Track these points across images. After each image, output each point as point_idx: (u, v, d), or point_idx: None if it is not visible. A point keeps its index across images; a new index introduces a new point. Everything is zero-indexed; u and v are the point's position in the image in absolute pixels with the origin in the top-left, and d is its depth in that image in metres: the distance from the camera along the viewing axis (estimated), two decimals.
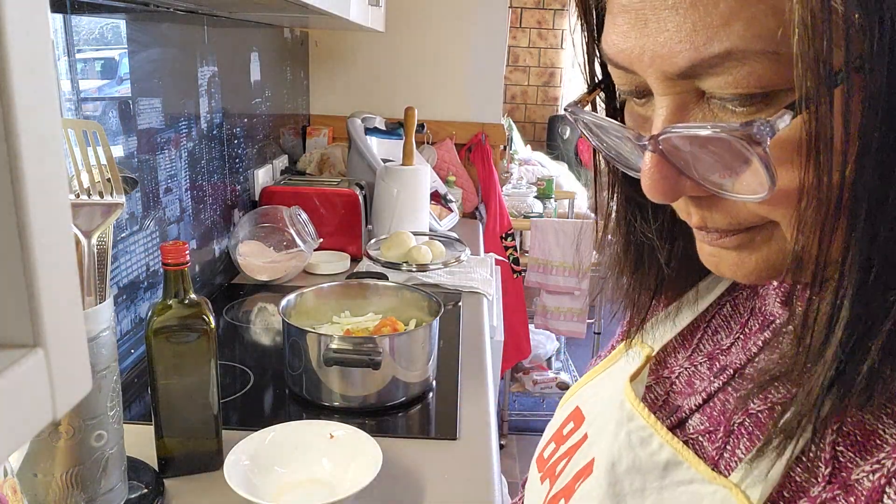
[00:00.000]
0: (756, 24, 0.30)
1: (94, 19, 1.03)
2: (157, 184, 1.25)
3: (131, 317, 1.18)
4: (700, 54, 0.32)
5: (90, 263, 0.69)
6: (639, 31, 0.34)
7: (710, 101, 0.34)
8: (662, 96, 0.35)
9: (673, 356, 0.51)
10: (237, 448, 0.84)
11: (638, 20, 0.34)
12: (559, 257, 2.69)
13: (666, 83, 0.34)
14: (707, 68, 0.32)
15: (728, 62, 0.31)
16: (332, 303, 1.21)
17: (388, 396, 1.05)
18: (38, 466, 0.68)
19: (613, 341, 0.67)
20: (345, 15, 1.32)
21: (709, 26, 0.31)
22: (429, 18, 2.30)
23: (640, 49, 0.34)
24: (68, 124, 0.67)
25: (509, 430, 2.91)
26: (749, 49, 0.30)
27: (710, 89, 0.33)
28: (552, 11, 5.18)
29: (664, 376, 0.50)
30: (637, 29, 0.34)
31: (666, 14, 0.32)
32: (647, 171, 0.36)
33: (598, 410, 0.50)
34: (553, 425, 0.56)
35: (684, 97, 0.34)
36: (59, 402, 0.21)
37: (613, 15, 0.36)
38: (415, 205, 1.81)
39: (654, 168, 0.36)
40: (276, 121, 2.02)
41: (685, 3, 0.32)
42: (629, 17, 0.34)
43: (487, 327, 1.44)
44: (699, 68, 0.32)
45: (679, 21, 0.32)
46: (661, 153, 0.35)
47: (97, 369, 0.70)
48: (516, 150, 3.81)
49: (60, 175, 0.21)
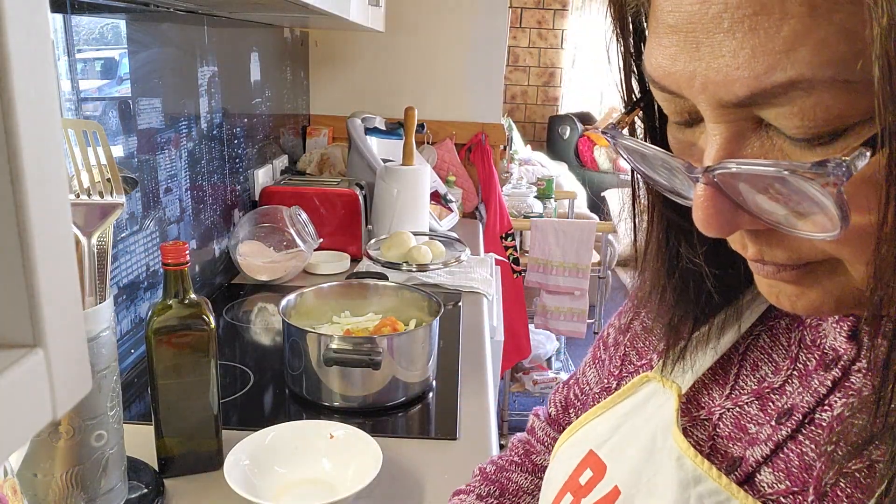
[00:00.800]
0: (826, 49, 0.27)
1: (94, 19, 1.03)
2: (157, 184, 1.25)
3: (131, 317, 1.18)
4: (761, 84, 0.28)
5: (90, 263, 0.69)
6: (689, 54, 0.30)
7: (769, 129, 0.31)
8: (716, 124, 0.32)
9: (706, 394, 0.46)
10: (237, 448, 0.84)
11: (688, 43, 0.30)
12: (559, 257, 2.69)
13: (720, 111, 0.31)
14: (768, 98, 0.29)
15: (793, 91, 0.28)
16: (332, 303, 1.21)
17: (388, 396, 1.05)
18: (38, 466, 0.68)
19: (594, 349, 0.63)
20: (345, 15, 1.32)
21: (771, 52, 0.28)
22: (429, 18, 2.30)
23: (691, 74, 0.31)
24: (68, 124, 0.67)
25: (509, 430, 2.91)
26: (817, 77, 0.27)
27: (772, 120, 0.30)
28: (552, 11, 5.18)
29: (702, 418, 0.45)
30: (687, 52, 0.31)
31: (721, 38, 0.29)
32: (699, 203, 0.32)
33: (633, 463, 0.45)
34: (562, 470, 0.50)
35: (741, 125, 0.31)
36: (59, 402, 0.21)
37: (659, 35, 0.32)
38: (415, 205, 1.81)
39: (708, 202, 0.32)
40: (276, 121, 2.02)
41: (744, 27, 0.28)
42: (678, 39, 0.31)
43: (487, 327, 1.44)
44: (759, 97, 0.29)
45: (736, 46, 0.28)
46: (716, 186, 0.32)
47: (97, 369, 0.70)
48: (516, 150, 3.81)
49: (60, 175, 0.21)
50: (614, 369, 0.56)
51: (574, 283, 2.71)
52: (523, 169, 3.65)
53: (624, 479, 0.45)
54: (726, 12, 0.28)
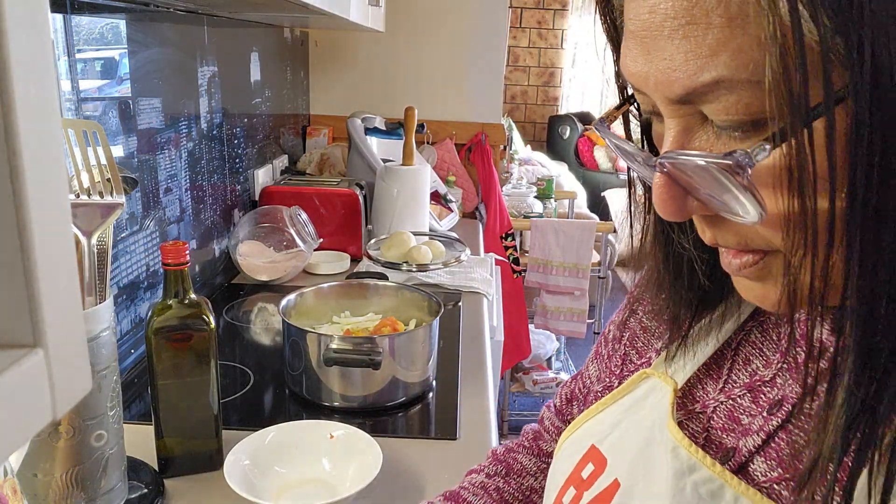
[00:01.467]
0: (741, 54, 0.31)
1: (94, 19, 1.03)
2: (157, 184, 1.25)
3: (131, 317, 1.18)
4: (693, 82, 0.33)
5: (90, 263, 0.69)
6: (644, 57, 0.35)
7: (712, 125, 0.35)
8: (670, 119, 0.36)
9: (700, 389, 0.48)
10: (237, 448, 0.84)
11: (643, 47, 0.35)
12: (559, 257, 2.69)
13: (671, 107, 0.36)
14: (701, 95, 0.33)
15: (717, 90, 0.33)
16: (332, 303, 1.21)
17: (388, 396, 1.05)
18: (38, 466, 0.68)
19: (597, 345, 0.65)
20: (345, 15, 1.32)
21: (700, 56, 0.32)
22: (429, 18, 2.30)
23: (646, 74, 0.36)
24: (68, 124, 0.67)
25: (509, 430, 2.91)
26: (736, 78, 0.32)
27: (709, 114, 0.34)
28: (552, 11, 5.19)
29: (696, 411, 0.47)
30: (643, 55, 0.35)
31: (663, 43, 0.34)
32: (656, 190, 0.37)
33: (632, 455, 0.47)
34: (565, 465, 0.53)
35: (689, 120, 0.36)
36: (59, 402, 0.21)
37: (626, 39, 0.37)
38: (415, 205, 1.81)
39: (661, 189, 0.37)
40: (276, 121, 2.02)
41: (679, 35, 0.33)
42: (636, 43, 0.36)
43: (487, 327, 1.44)
44: (693, 95, 0.34)
45: (673, 51, 0.33)
46: (668, 175, 0.36)
47: (97, 369, 0.70)
48: (516, 150, 3.81)
49: (60, 175, 0.21)
50: (615, 368, 0.58)
51: (574, 283, 2.71)
52: (523, 169, 3.65)
53: (623, 471, 0.47)
54: (666, 21, 0.33)
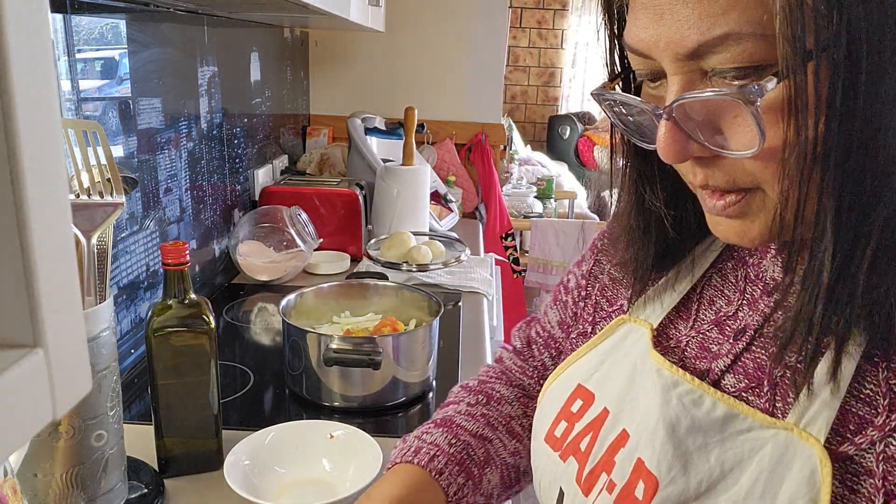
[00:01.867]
0: (748, 12, 0.39)
1: (94, 19, 1.03)
2: (157, 184, 1.25)
3: (131, 317, 1.18)
4: (705, 37, 0.40)
5: (90, 263, 0.69)
6: (656, 22, 0.43)
7: (711, 78, 0.42)
8: (674, 75, 0.43)
9: (673, 328, 0.56)
10: (237, 448, 0.84)
11: (655, 14, 0.43)
12: (559, 257, 2.69)
13: (677, 63, 0.43)
14: (711, 48, 0.41)
15: (727, 42, 0.40)
16: (332, 303, 1.21)
17: (388, 396, 1.05)
18: (38, 466, 0.68)
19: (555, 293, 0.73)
20: (345, 15, 1.32)
21: (711, 14, 0.40)
22: (429, 18, 2.30)
23: (657, 37, 0.43)
24: (68, 124, 0.67)
25: None
26: (743, 31, 0.39)
27: (713, 65, 0.41)
28: (552, 11, 5.18)
29: (671, 346, 0.55)
30: (654, 21, 0.43)
31: (678, 7, 0.41)
32: (661, 136, 0.44)
33: (619, 386, 0.54)
34: (554, 403, 0.59)
35: (691, 76, 0.43)
36: (59, 402, 0.21)
37: (635, 11, 0.45)
38: (415, 205, 1.81)
39: (667, 133, 0.43)
40: (276, 121, 2.02)
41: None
42: (648, 13, 0.43)
43: (487, 327, 1.44)
44: (704, 48, 0.41)
45: (688, 12, 0.41)
46: (674, 120, 0.43)
47: (97, 369, 0.70)
48: (516, 150, 3.81)
49: (60, 175, 0.21)
50: (587, 315, 0.66)
51: None
52: (523, 169, 3.65)
53: (611, 400, 0.54)
54: None
